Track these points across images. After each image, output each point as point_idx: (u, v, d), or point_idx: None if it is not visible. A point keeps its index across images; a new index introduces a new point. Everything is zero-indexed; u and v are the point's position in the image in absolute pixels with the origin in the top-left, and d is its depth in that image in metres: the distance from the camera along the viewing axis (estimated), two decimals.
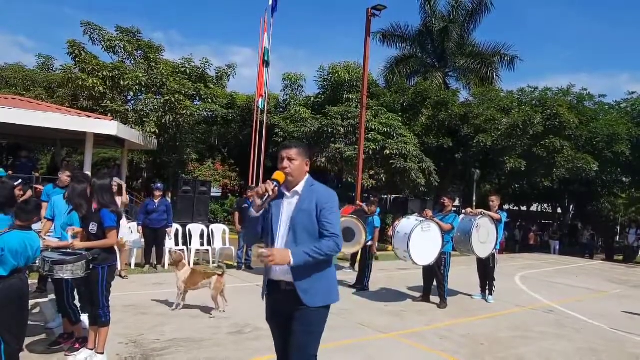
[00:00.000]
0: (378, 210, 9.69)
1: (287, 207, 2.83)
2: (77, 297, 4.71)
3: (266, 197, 2.69)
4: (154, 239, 9.52)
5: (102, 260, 4.20)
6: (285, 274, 2.75)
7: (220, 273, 6.24)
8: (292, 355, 2.76)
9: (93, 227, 4.26)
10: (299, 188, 2.84)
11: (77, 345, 4.49)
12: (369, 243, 8.92)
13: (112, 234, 4.26)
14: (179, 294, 6.31)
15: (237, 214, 10.48)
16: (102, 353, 4.23)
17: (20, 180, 6.32)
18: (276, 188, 2.71)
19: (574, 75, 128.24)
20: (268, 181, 2.69)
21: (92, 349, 4.25)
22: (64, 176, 6.20)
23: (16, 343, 3.69)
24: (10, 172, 11.59)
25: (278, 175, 2.75)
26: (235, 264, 10.23)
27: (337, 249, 2.79)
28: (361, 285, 8.82)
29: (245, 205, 10.32)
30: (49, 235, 5.02)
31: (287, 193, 2.86)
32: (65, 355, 4.40)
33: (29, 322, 4.87)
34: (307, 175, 2.91)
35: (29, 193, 6.37)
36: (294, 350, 2.75)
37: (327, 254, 2.73)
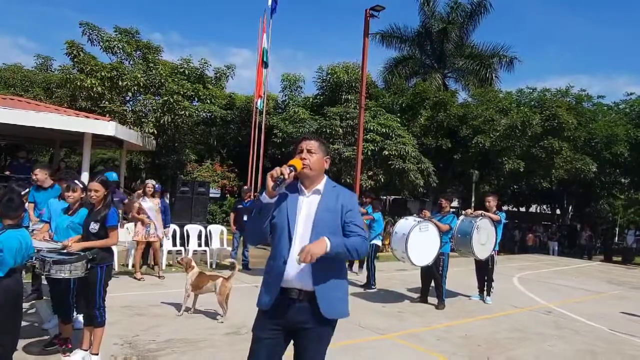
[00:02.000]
0: (371, 209, 9.79)
1: (307, 205, 2.59)
2: None
3: (281, 180, 2.42)
4: None
5: (100, 260, 4.17)
6: (302, 279, 2.50)
7: (227, 277, 6.13)
8: None
9: (94, 226, 4.23)
10: (320, 187, 2.65)
11: (69, 346, 4.46)
12: (372, 242, 9.08)
13: (114, 233, 4.24)
14: (186, 296, 6.18)
15: (232, 215, 10.48)
16: (97, 354, 4.19)
17: (27, 190, 6.29)
18: (292, 173, 2.47)
19: (573, 77, 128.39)
20: (284, 165, 2.46)
21: (86, 350, 4.22)
22: (42, 175, 6.15)
23: (10, 344, 3.67)
24: (7, 173, 11.60)
25: (296, 162, 2.54)
26: (229, 265, 10.22)
27: (366, 251, 2.71)
28: (368, 285, 8.95)
29: (240, 206, 10.32)
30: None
31: (305, 191, 2.63)
32: (62, 356, 4.36)
33: (25, 323, 4.86)
34: (326, 176, 2.73)
35: (31, 205, 6.33)
36: None
37: (358, 253, 2.57)
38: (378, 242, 9.50)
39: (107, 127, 11.83)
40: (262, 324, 2.60)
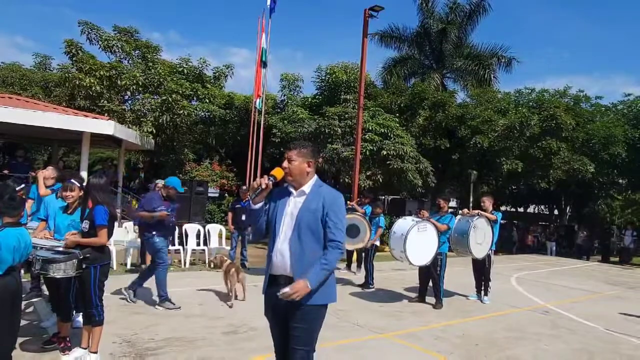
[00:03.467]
0: (369, 209, 9.81)
1: (293, 205, 2.93)
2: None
3: (259, 190, 2.82)
4: None
5: (93, 259, 4.18)
6: (286, 269, 2.85)
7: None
8: (291, 350, 2.84)
9: (85, 225, 4.25)
10: (306, 188, 2.94)
11: (68, 344, 4.47)
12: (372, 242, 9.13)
13: (102, 232, 4.23)
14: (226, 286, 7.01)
15: (230, 215, 10.49)
16: (96, 352, 4.21)
17: (23, 185, 6.28)
18: (270, 183, 2.83)
19: (571, 77, 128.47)
20: (265, 176, 2.84)
21: (85, 348, 4.23)
22: (50, 173, 6.17)
23: (9, 342, 3.68)
24: (6, 172, 11.58)
25: (277, 171, 2.90)
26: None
27: (340, 257, 2.94)
28: (366, 285, 8.97)
29: (238, 206, 10.34)
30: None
31: (294, 192, 2.96)
32: (61, 354, 4.37)
33: (24, 322, 4.86)
34: (315, 177, 3.00)
35: (30, 202, 6.33)
36: (292, 345, 2.84)
37: (334, 266, 2.89)
38: (377, 242, 9.53)
39: (105, 126, 11.84)
40: (265, 308, 3.03)
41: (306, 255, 2.84)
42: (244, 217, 10.15)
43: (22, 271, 5.59)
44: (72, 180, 4.74)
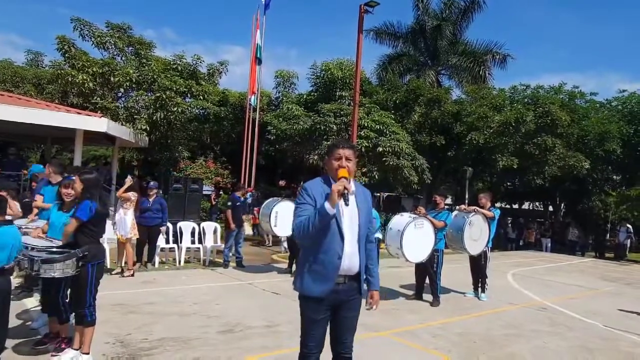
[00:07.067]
0: None
1: (345, 206, 2.97)
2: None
3: (346, 193, 2.80)
4: (147, 237, 9.38)
5: (91, 257, 4.08)
6: (352, 269, 2.98)
7: None
8: (347, 336, 3.10)
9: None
10: (353, 186, 3.02)
11: (62, 345, 4.37)
12: None
13: (73, 223, 4.09)
14: None
15: (229, 212, 10.37)
16: (88, 353, 4.11)
17: None
18: (350, 183, 2.89)
19: (566, 74, 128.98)
20: (343, 179, 2.81)
21: (77, 349, 4.13)
22: (47, 170, 6.09)
23: None
24: None
25: (344, 172, 2.89)
26: (222, 261, 10.15)
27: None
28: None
29: (239, 204, 10.24)
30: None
31: None
32: (51, 355, 4.28)
33: (16, 322, 4.78)
34: None
35: (40, 198, 6.24)
36: (349, 331, 3.10)
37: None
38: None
39: (99, 124, 11.72)
40: (315, 308, 2.98)
41: (366, 251, 3.09)
42: (243, 215, 10.07)
43: (18, 270, 5.51)
44: (73, 177, 4.62)
